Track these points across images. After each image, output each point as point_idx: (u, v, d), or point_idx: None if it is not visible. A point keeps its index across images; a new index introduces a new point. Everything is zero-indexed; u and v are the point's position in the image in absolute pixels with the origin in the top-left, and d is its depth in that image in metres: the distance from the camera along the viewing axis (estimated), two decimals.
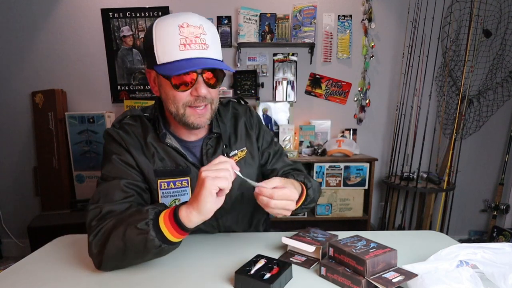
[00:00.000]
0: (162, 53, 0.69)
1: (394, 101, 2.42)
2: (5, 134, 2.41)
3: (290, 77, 2.41)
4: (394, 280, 0.55)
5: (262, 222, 0.99)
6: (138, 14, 2.30)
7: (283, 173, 0.93)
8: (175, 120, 0.79)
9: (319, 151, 2.17)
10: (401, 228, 2.37)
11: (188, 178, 0.82)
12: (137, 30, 2.33)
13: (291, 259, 0.71)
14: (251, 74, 2.30)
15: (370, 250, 0.60)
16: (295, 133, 2.29)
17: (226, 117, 0.92)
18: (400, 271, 0.58)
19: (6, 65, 2.34)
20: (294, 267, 0.66)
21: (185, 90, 0.72)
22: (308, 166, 2.17)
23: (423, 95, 2.21)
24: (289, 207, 0.68)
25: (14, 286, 0.64)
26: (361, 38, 2.37)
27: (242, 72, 2.32)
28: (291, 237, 0.74)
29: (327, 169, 2.13)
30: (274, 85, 2.42)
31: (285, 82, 2.41)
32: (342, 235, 0.73)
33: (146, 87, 2.40)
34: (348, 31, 2.35)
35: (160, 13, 2.29)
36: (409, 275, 0.57)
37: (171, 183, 0.81)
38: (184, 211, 0.62)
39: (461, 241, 0.77)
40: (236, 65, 2.37)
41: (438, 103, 2.40)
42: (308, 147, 2.27)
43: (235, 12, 2.32)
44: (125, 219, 0.65)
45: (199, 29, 0.70)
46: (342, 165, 2.12)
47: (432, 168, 2.33)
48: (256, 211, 0.95)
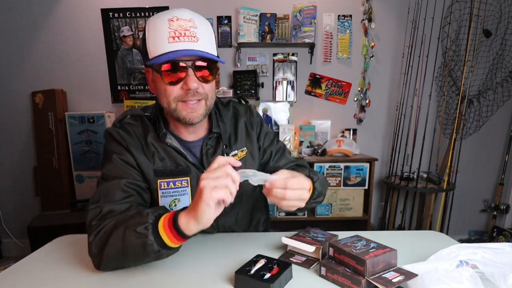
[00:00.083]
0: (153, 47, 0.71)
1: (394, 101, 2.42)
2: (5, 134, 2.41)
3: (290, 77, 2.41)
4: (394, 280, 0.55)
5: (262, 222, 0.98)
6: (138, 14, 2.30)
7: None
8: (170, 117, 0.79)
9: (319, 151, 2.17)
10: (401, 228, 2.37)
11: (188, 178, 0.81)
12: (137, 30, 2.33)
13: (291, 259, 0.71)
14: (251, 74, 2.30)
15: (370, 250, 0.60)
16: (295, 133, 2.29)
17: (226, 117, 0.91)
18: (400, 271, 0.58)
19: (6, 65, 2.34)
20: (294, 267, 0.66)
21: (176, 84, 0.72)
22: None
23: (423, 95, 2.21)
24: (304, 197, 0.67)
25: (14, 286, 0.64)
26: (361, 38, 2.36)
27: (242, 72, 2.31)
28: (291, 237, 0.74)
29: (327, 169, 2.12)
30: (274, 85, 2.42)
31: (285, 82, 2.41)
32: (342, 235, 0.73)
33: (146, 87, 2.40)
34: (348, 31, 2.35)
35: None
36: (409, 275, 0.57)
37: (171, 183, 0.81)
38: (183, 219, 0.61)
39: (461, 241, 0.77)
40: (236, 65, 2.37)
41: (438, 103, 2.40)
42: (308, 147, 2.27)
43: (235, 12, 2.32)
44: (126, 221, 0.65)
45: (189, 23, 0.70)
46: (342, 165, 2.12)
47: (432, 168, 2.33)
48: (256, 211, 0.95)
